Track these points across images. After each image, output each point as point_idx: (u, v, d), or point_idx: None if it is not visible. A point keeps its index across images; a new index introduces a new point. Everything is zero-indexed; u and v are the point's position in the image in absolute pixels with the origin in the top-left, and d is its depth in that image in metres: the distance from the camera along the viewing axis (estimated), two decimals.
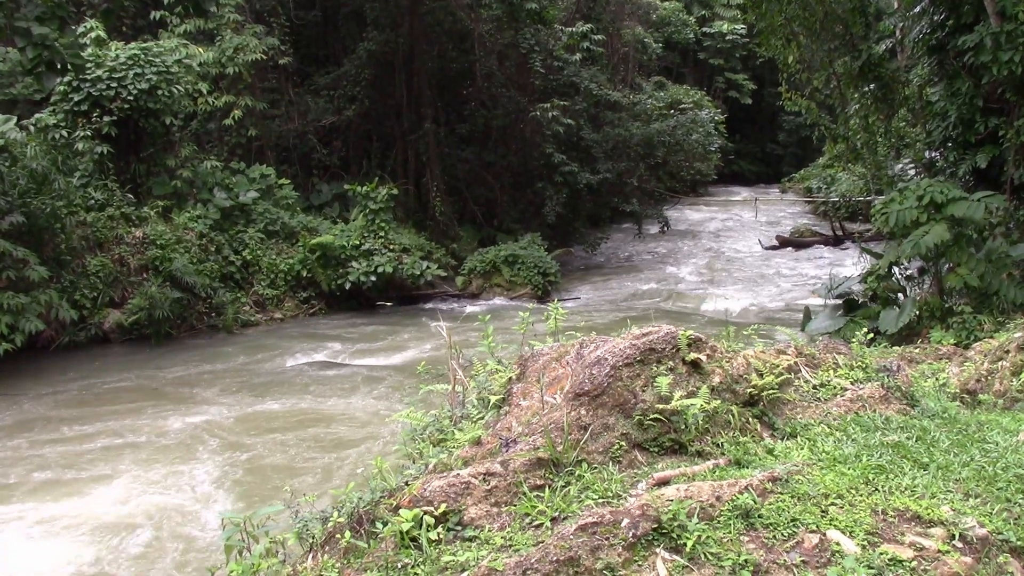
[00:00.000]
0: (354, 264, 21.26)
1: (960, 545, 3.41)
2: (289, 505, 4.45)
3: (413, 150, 26.88)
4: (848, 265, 22.19)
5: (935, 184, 12.20)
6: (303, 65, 27.67)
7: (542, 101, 27.04)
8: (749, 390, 4.74)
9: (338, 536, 3.91)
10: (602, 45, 32.44)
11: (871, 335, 10.09)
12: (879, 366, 5.55)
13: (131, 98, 18.83)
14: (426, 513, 3.71)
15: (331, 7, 28.20)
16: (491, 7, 26.74)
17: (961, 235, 11.91)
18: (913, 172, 16.98)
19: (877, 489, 3.84)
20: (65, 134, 18.75)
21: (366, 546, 3.77)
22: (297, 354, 17.01)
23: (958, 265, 11.79)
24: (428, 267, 22.13)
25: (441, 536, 3.65)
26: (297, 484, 9.86)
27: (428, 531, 3.64)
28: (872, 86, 16.00)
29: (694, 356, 4.62)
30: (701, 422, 4.34)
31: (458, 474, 3.97)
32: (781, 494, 3.73)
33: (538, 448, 4.09)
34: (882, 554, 3.30)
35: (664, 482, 3.87)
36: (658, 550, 3.33)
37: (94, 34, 19.25)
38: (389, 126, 27.12)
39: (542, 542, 3.41)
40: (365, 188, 22.35)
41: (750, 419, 4.63)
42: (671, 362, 4.55)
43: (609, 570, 3.24)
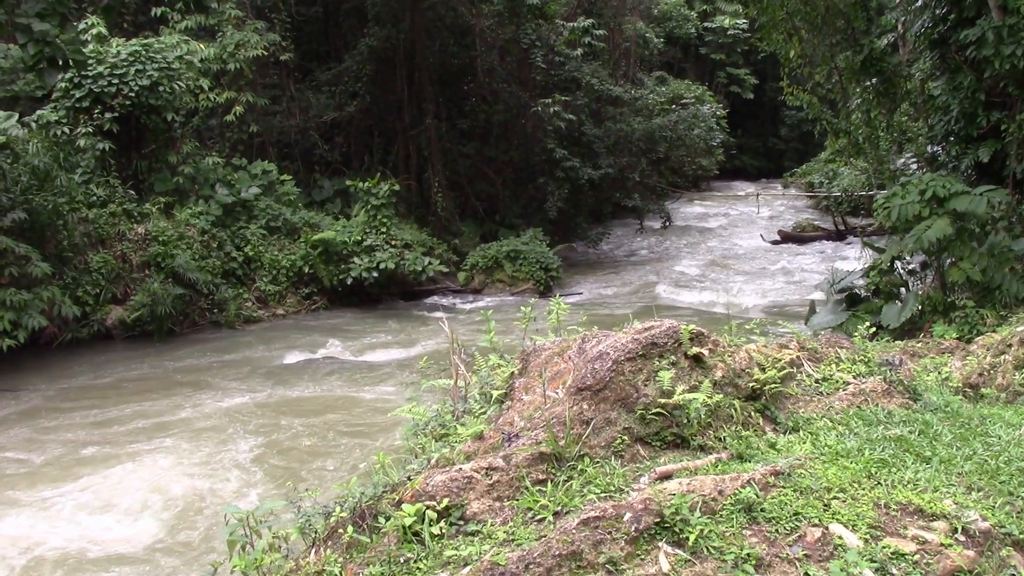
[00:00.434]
0: (356, 260, 21.25)
1: (963, 538, 3.41)
2: (291, 500, 4.46)
3: (414, 146, 26.87)
4: (850, 260, 22.17)
5: (937, 178, 12.17)
6: (304, 61, 27.66)
7: (543, 96, 26.99)
8: (751, 384, 4.74)
9: (341, 531, 3.91)
10: (603, 40, 32.37)
11: (873, 329, 10.07)
12: (881, 360, 5.55)
13: (132, 94, 18.82)
14: (428, 508, 3.71)
15: (332, 3, 28.19)
16: (492, 2, 26.72)
17: (963, 229, 11.88)
18: (915, 166, 16.95)
19: (880, 483, 3.84)
20: (67, 131, 18.75)
21: (369, 541, 3.77)
22: (299, 350, 17.02)
23: (960, 259, 11.76)
24: (430, 263, 22.11)
25: (443, 531, 3.66)
26: (300, 477, 9.91)
27: (430, 526, 3.64)
28: (874, 80, 15.96)
29: (696, 350, 4.62)
30: (703, 416, 4.34)
31: (460, 469, 3.97)
32: (783, 488, 3.73)
33: (540, 443, 4.10)
34: (885, 547, 3.30)
35: (666, 476, 3.87)
36: (660, 544, 3.33)
37: (95, 30, 19.23)
38: (390, 122, 27.09)
39: (544, 536, 3.41)
40: (367, 184, 22.33)
41: (752, 413, 4.63)
42: (673, 356, 4.55)
43: (611, 564, 3.24)
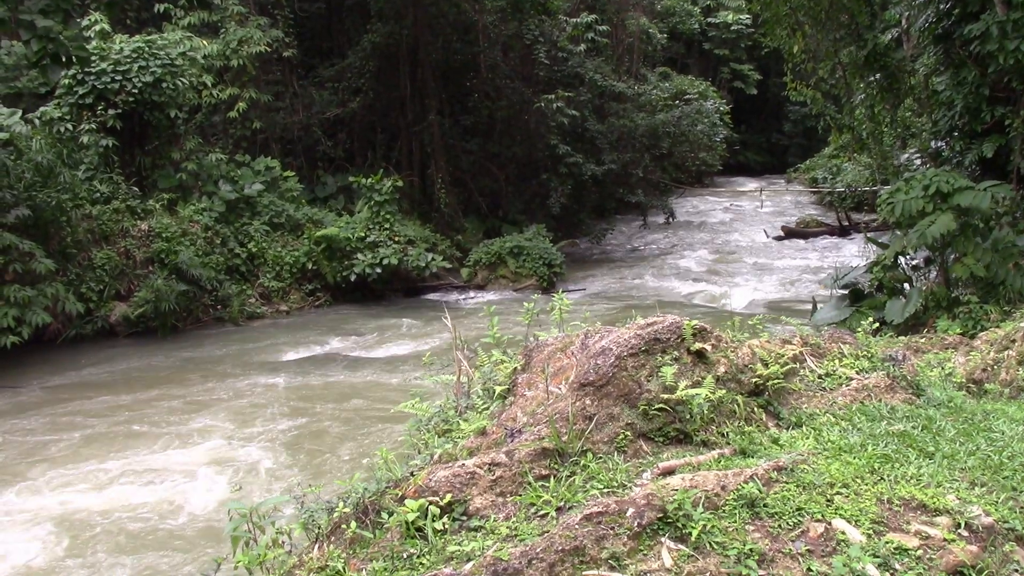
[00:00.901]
0: (359, 256, 21.26)
1: (966, 534, 3.41)
2: (295, 496, 4.46)
3: (418, 142, 26.87)
4: (854, 255, 22.14)
5: (941, 174, 12.16)
6: (307, 57, 27.65)
7: (546, 92, 27.00)
8: (754, 380, 4.73)
9: (344, 526, 3.91)
10: (606, 36, 32.38)
11: (877, 325, 10.07)
12: (885, 356, 5.54)
13: (136, 91, 18.84)
14: (431, 503, 3.71)
15: None
16: None
17: (967, 225, 11.87)
18: (919, 162, 16.93)
19: (883, 478, 3.84)
20: (70, 127, 18.78)
21: (372, 536, 3.78)
22: (302, 346, 17.05)
23: (964, 255, 11.75)
24: (433, 259, 22.12)
25: (446, 526, 3.66)
26: (303, 470, 9.92)
27: (433, 521, 3.64)
28: (878, 76, 15.93)
29: (699, 346, 4.62)
30: (706, 412, 4.33)
31: (463, 464, 3.97)
32: (786, 483, 3.72)
33: (543, 438, 4.09)
34: (888, 543, 3.30)
35: (669, 472, 3.87)
36: (663, 539, 3.33)
37: (98, 27, 19.25)
38: (393, 118, 27.09)
39: (547, 532, 3.41)
40: (370, 180, 22.33)
41: (755, 409, 4.63)
42: (676, 352, 4.54)
43: (614, 559, 3.24)
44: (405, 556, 3.52)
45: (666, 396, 4.27)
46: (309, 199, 23.93)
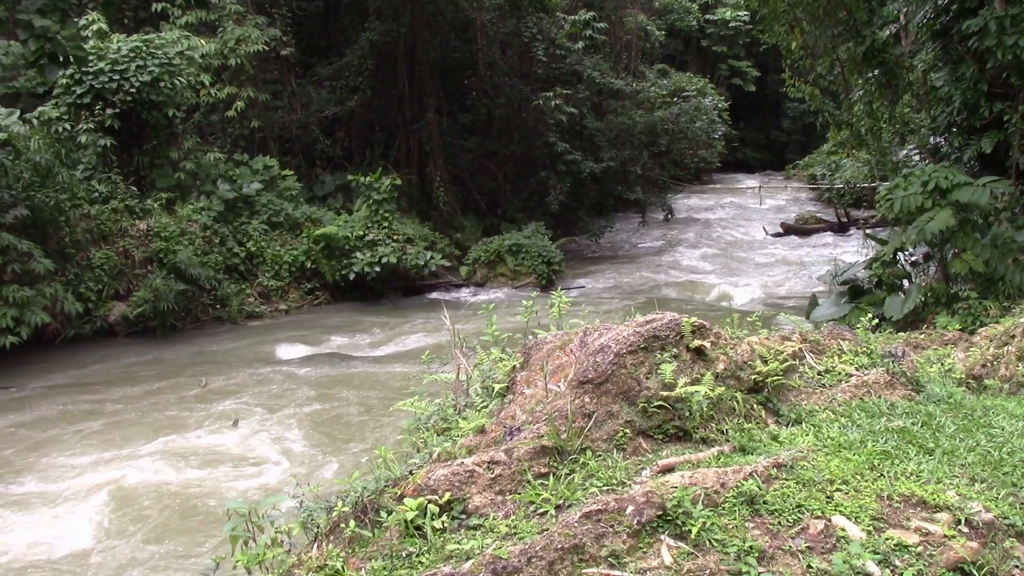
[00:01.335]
0: (358, 255, 21.24)
1: (966, 530, 3.40)
2: (293, 495, 4.46)
3: (416, 140, 26.84)
4: (853, 252, 22.13)
5: (940, 170, 12.16)
6: (305, 56, 27.60)
7: (545, 90, 26.97)
8: (753, 377, 4.73)
9: (343, 525, 3.91)
10: (604, 33, 32.32)
11: (876, 321, 10.07)
12: (884, 352, 5.54)
13: (133, 90, 18.80)
14: (430, 502, 3.71)
15: None
16: None
17: (966, 221, 11.88)
18: (918, 158, 16.92)
19: (882, 475, 3.84)
20: (68, 127, 18.74)
21: (371, 535, 3.77)
22: (301, 345, 17.03)
23: (963, 251, 11.76)
24: (432, 257, 22.10)
25: (445, 525, 3.65)
26: (301, 468, 9.92)
27: (432, 520, 3.64)
28: (876, 72, 15.93)
29: (698, 343, 4.61)
30: (705, 409, 4.33)
31: (462, 463, 3.97)
32: (786, 480, 3.72)
33: (542, 436, 4.09)
34: (888, 539, 3.30)
35: (669, 469, 3.86)
36: (663, 537, 3.32)
37: (96, 26, 19.21)
38: (392, 116, 27.06)
39: (547, 530, 3.40)
40: (368, 178, 22.31)
41: (755, 406, 4.63)
42: (675, 349, 4.54)
43: (614, 557, 3.23)
44: (404, 555, 3.52)
45: (665, 393, 4.27)
46: (307, 198, 23.89)
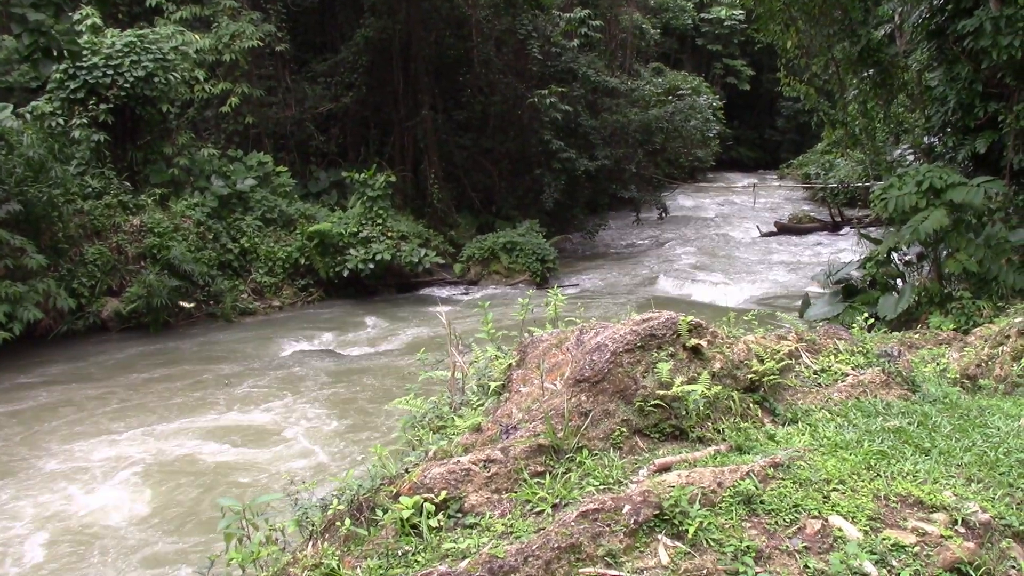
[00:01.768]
0: (352, 251, 21.22)
1: (963, 530, 3.40)
2: (288, 493, 4.44)
3: (411, 137, 26.81)
4: (847, 251, 22.17)
5: (934, 169, 12.18)
6: (300, 52, 27.53)
7: (540, 87, 26.95)
8: (750, 376, 4.72)
9: (338, 524, 3.89)
10: (600, 31, 32.31)
11: (871, 321, 10.09)
12: (880, 351, 5.54)
13: (127, 85, 18.73)
14: (426, 500, 3.70)
15: None
16: None
17: (960, 220, 11.89)
18: (912, 157, 16.94)
19: (879, 474, 3.83)
20: (62, 122, 18.65)
21: (366, 533, 3.76)
22: (295, 342, 17.01)
23: (957, 250, 11.78)
24: (426, 254, 22.09)
25: (442, 523, 3.64)
26: (295, 467, 9.91)
27: (428, 518, 3.63)
28: (871, 71, 15.95)
29: (695, 342, 4.60)
30: (702, 408, 4.32)
31: (458, 461, 3.95)
32: (783, 480, 3.72)
33: (538, 435, 4.08)
34: (884, 539, 3.29)
35: (665, 468, 3.85)
36: (660, 536, 3.32)
37: (90, 21, 19.12)
38: (386, 113, 27.03)
39: (543, 529, 3.39)
40: (363, 175, 22.28)
41: (751, 405, 4.62)
42: (672, 348, 4.53)
43: (611, 556, 3.23)
44: (400, 553, 3.51)
45: (662, 392, 4.26)
46: (302, 194, 23.86)
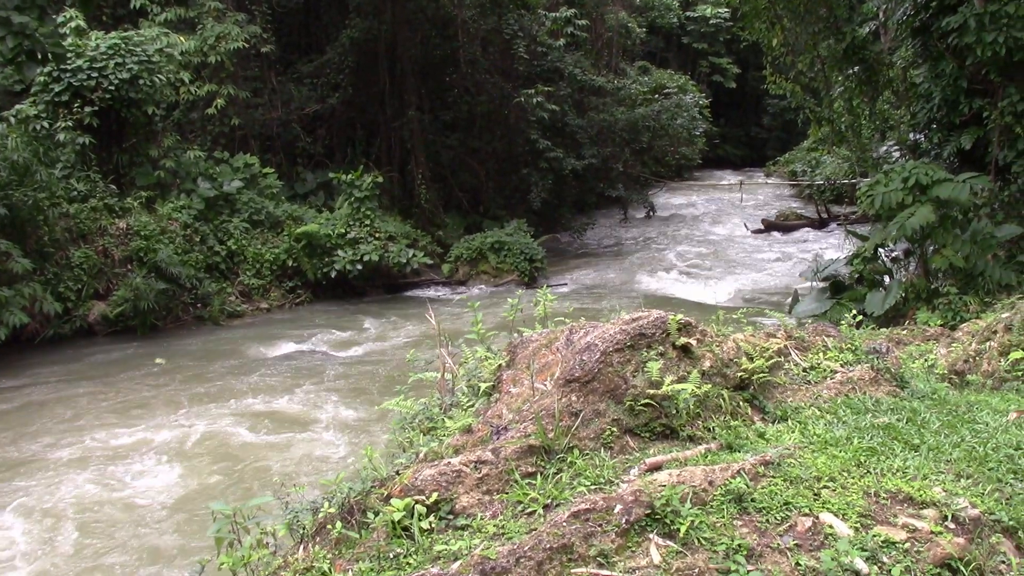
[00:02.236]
0: (340, 253, 21.18)
1: (953, 526, 3.42)
2: (279, 496, 4.42)
3: (397, 137, 26.76)
4: (834, 248, 22.24)
5: (920, 166, 12.23)
6: (285, 53, 27.44)
7: (526, 87, 26.96)
8: (739, 374, 4.73)
9: (329, 527, 3.88)
10: (586, 30, 32.35)
11: (859, 318, 10.12)
12: (868, 348, 5.56)
13: (112, 88, 18.64)
14: (417, 502, 3.69)
15: None
16: None
17: (946, 216, 11.94)
18: (897, 154, 17.00)
19: (869, 471, 3.84)
20: (46, 125, 18.53)
21: (357, 536, 3.75)
22: (283, 344, 16.94)
23: (943, 246, 11.82)
24: (414, 255, 22.07)
25: (433, 525, 3.63)
26: (283, 471, 9.88)
27: (420, 520, 3.62)
28: (856, 68, 16.01)
29: (684, 341, 4.61)
30: (692, 407, 4.33)
31: (449, 462, 3.95)
32: (773, 478, 3.72)
33: (529, 435, 4.08)
34: (875, 536, 3.30)
35: (656, 467, 3.86)
36: (651, 536, 3.32)
37: (74, 23, 19.01)
38: (373, 114, 26.97)
39: (535, 530, 3.39)
40: (350, 176, 22.24)
41: (741, 403, 4.63)
42: (661, 347, 4.53)
43: (602, 556, 3.22)
44: (391, 556, 3.50)
45: (652, 391, 4.26)
46: (289, 196, 23.78)
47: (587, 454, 4.04)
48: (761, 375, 4.80)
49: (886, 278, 13.26)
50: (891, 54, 16.71)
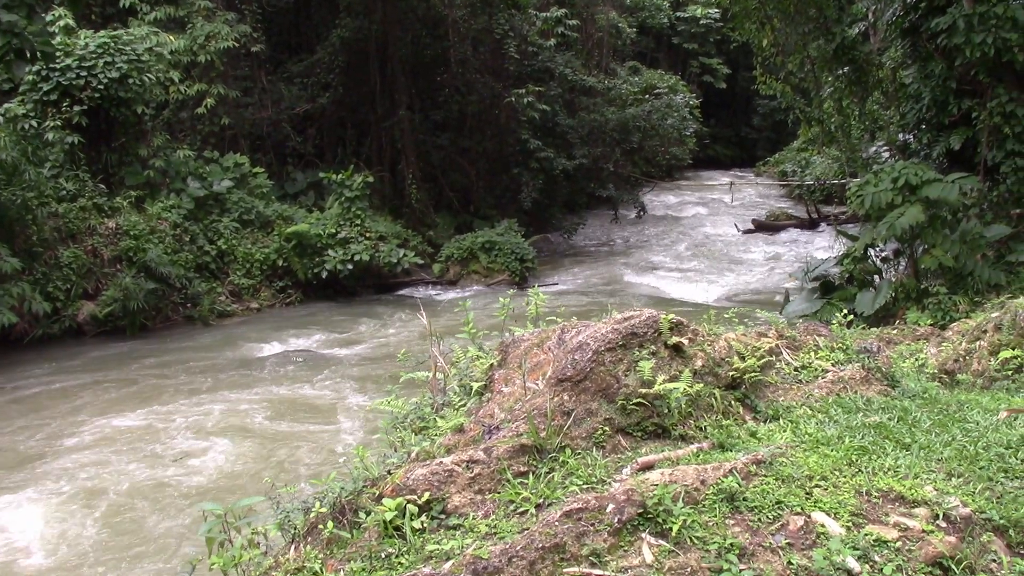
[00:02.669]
0: (330, 253, 21.15)
1: (944, 525, 3.42)
2: (270, 496, 4.41)
3: (388, 137, 26.74)
4: (824, 248, 22.30)
5: (909, 166, 12.27)
6: (276, 52, 27.40)
7: (517, 87, 26.97)
8: (731, 373, 4.73)
9: (321, 527, 3.87)
10: (576, 30, 32.40)
11: (850, 318, 10.15)
12: (859, 347, 5.56)
13: (101, 87, 18.56)
14: (409, 502, 3.68)
15: None
16: None
17: (936, 217, 11.98)
18: (887, 154, 17.05)
19: (860, 470, 3.85)
20: (35, 124, 18.42)
21: (349, 536, 3.74)
22: (274, 344, 16.91)
23: (933, 246, 11.87)
24: (405, 255, 22.05)
25: (425, 525, 3.62)
26: (275, 471, 9.86)
27: (412, 520, 3.61)
28: (846, 69, 16.05)
29: (676, 340, 4.61)
30: (684, 406, 4.33)
31: (441, 462, 3.94)
32: (765, 477, 3.72)
33: (521, 434, 4.07)
34: (867, 535, 3.30)
35: (648, 467, 3.85)
36: (644, 535, 3.31)
37: (63, 22, 18.92)
38: (363, 113, 26.95)
39: (527, 529, 3.38)
40: (340, 176, 22.21)
41: (732, 402, 4.63)
42: (653, 346, 4.53)
43: (595, 556, 3.22)
44: (383, 556, 3.49)
45: (644, 390, 4.26)
46: (279, 195, 23.73)
47: (579, 453, 4.04)
48: (753, 374, 4.80)
49: (876, 278, 13.30)
50: (880, 55, 16.77)
